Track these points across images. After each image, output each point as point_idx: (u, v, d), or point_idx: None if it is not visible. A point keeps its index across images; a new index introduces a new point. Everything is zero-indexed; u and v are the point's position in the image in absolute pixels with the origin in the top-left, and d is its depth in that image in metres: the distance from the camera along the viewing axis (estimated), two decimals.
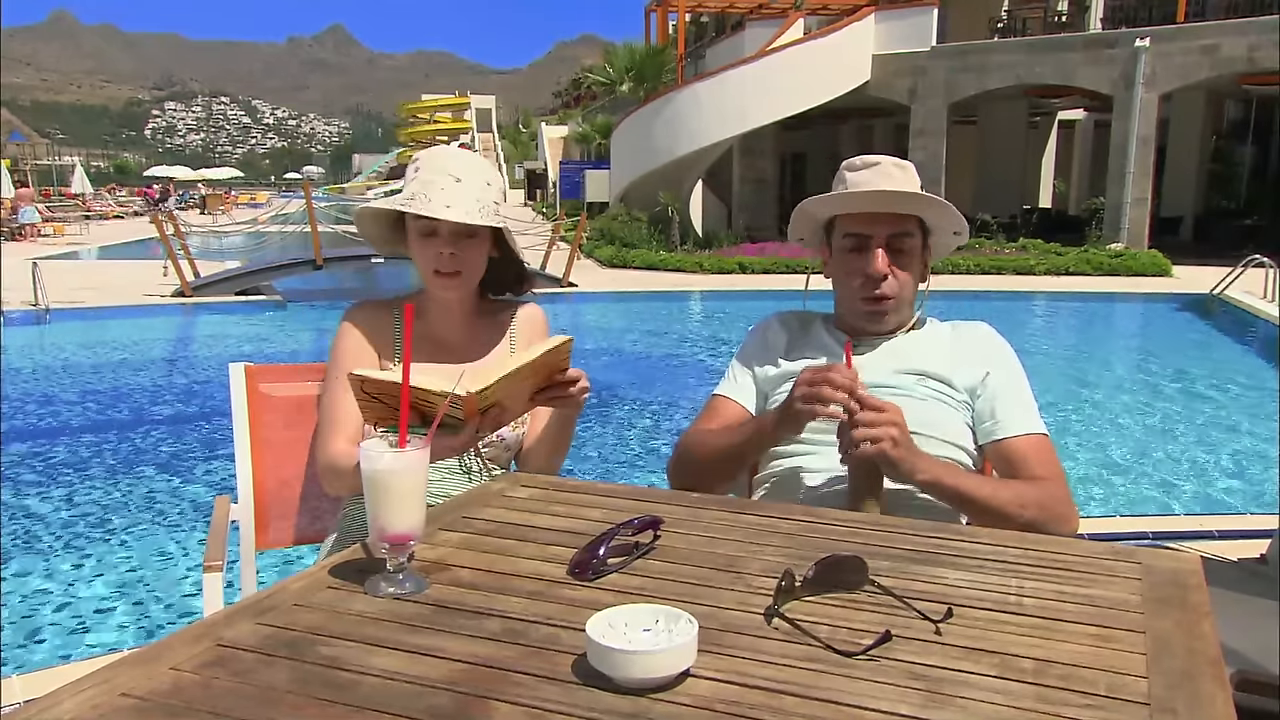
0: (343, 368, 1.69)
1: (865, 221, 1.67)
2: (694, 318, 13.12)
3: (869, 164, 1.70)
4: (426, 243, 1.70)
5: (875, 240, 1.65)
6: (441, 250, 1.69)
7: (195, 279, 12.23)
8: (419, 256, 1.72)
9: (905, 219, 1.67)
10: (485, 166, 1.77)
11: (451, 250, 1.69)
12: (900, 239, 1.66)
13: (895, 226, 1.66)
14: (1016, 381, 1.67)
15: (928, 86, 17.96)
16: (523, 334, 1.86)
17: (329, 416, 1.70)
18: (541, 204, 32.27)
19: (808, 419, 1.50)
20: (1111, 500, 4.85)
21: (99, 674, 0.87)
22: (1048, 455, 1.60)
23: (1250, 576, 2.22)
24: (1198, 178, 20.78)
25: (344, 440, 1.67)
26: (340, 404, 1.68)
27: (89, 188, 37.53)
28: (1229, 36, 15.60)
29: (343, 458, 1.64)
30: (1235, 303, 10.71)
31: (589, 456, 5.58)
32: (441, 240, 1.69)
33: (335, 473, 1.67)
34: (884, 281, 1.65)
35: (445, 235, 1.69)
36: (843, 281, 1.72)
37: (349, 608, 1.03)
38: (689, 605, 0.97)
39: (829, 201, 1.70)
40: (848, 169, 1.72)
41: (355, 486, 1.65)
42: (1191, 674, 0.88)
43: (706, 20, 29.53)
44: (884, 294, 1.66)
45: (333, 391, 1.71)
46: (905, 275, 1.67)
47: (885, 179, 1.67)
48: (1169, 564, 1.16)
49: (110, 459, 5.64)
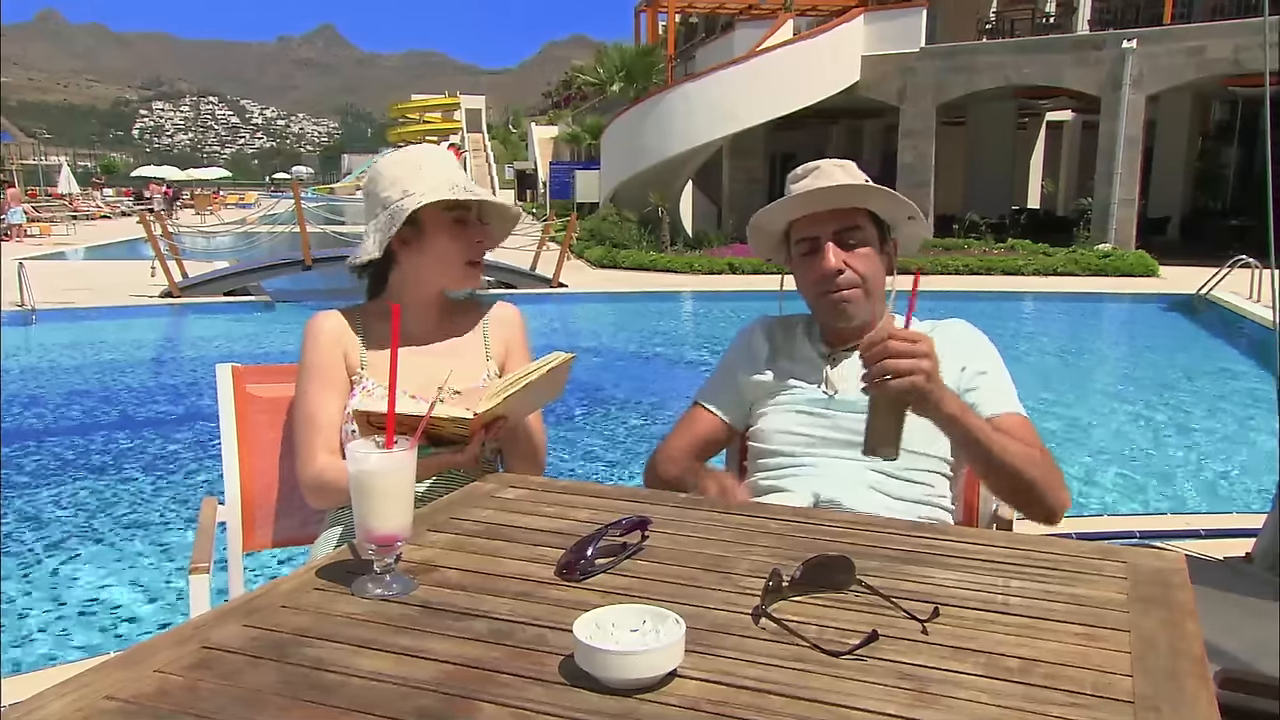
0: (313, 377, 1.68)
1: (812, 223, 1.69)
2: (684, 318, 13.12)
3: (809, 170, 1.73)
4: (460, 236, 1.71)
5: (823, 238, 1.67)
6: (480, 240, 1.73)
7: (183, 279, 12.17)
8: (448, 249, 1.70)
9: (851, 213, 1.68)
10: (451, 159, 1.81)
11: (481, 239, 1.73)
12: (848, 233, 1.67)
13: (841, 221, 1.68)
14: (994, 370, 1.68)
15: (917, 87, 18.01)
16: (498, 335, 1.83)
17: (307, 426, 1.67)
18: (532, 204, 32.23)
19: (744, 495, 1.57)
20: (1099, 499, 4.88)
21: (82, 677, 0.86)
22: (1031, 432, 1.60)
23: (1236, 575, 2.24)
24: (1185, 178, 20.91)
25: (325, 453, 1.64)
26: (317, 415, 1.66)
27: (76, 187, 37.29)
28: (1215, 38, 15.70)
29: (329, 473, 1.62)
30: (1222, 303, 10.77)
31: (578, 456, 5.58)
32: (475, 230, 1.72)
33: (321, 489, 1.64)
34: (839, 276, 1.66)
35: (476, 224, 1.72)
36: (806, 288, 1.73)
37: (336, 609, 1.02)
38: (676, 605, 0.97)
39: (773, 210, 1.72)
40: (791, 180, 1.75)
41: (341, 500, 1.64)
42: (1176, 672, 0.89)
43: (696, 21, 29.54)
44: (841, 287, 1.67)
45: (307, 402, 1.67)
46: (863, 267, 1.67)
47: (824, 179, 1.69)
48: (1154, 563, 1.17)
49: (97, 460, 5.61)
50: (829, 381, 1.70)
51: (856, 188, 1.66)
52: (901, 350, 1.36)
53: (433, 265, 1.72)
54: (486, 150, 44.93)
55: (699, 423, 1.82)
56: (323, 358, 1.69)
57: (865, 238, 1.68)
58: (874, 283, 1.70)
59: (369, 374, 1.70)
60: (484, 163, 43.27)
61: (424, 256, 1.71)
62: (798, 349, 1.78)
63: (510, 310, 1.87)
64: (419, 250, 1.71)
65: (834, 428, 1.66)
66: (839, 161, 1.73)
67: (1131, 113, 16.31)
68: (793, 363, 1.76)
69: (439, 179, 1.67)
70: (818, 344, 1.77)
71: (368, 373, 1.70)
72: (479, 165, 42.84)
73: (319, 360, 1.69)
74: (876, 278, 1.70)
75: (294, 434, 1.71)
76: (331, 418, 1.67)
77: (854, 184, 1.67)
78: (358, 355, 1.72)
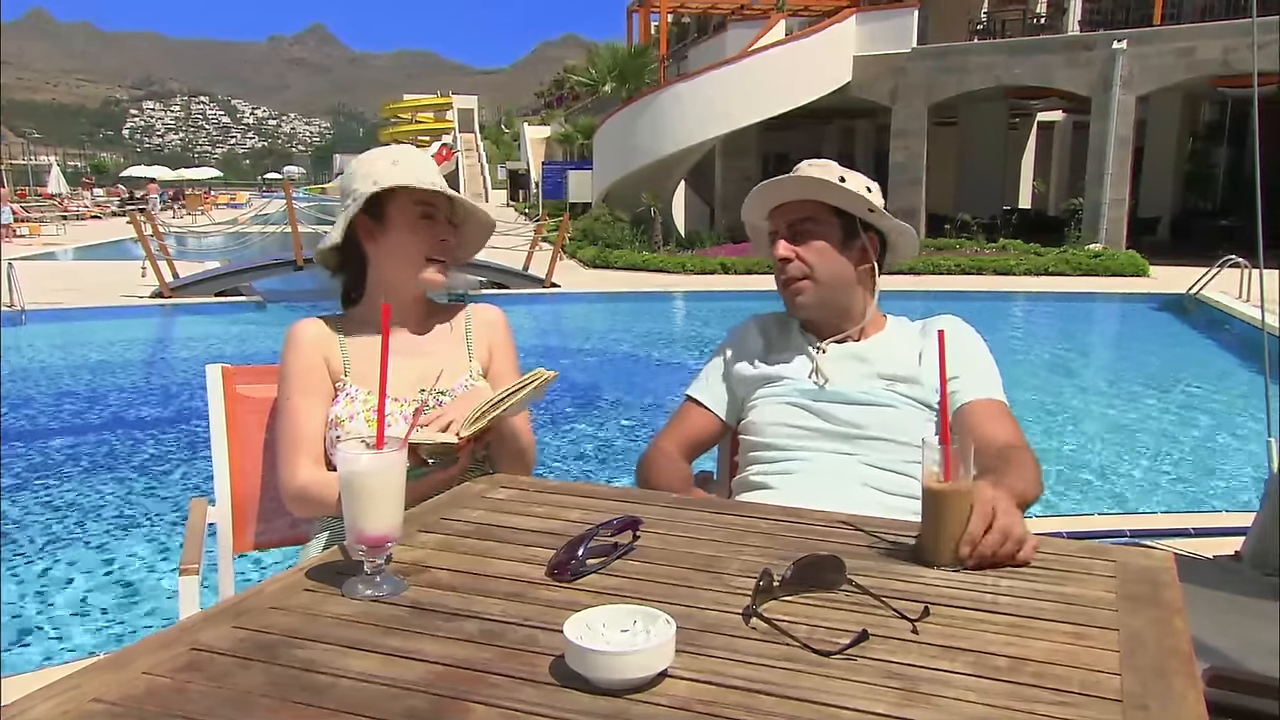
0: (295, 386, 1.66)
1: (775, 216, 1.77)
2: (676, 318, 13.13)
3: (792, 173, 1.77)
4: (420, 228, 1.67)
5: (778, 231, 1.75)
6: (445, 239, 1.69)
7: (174, 280, 12.12)
8: (409, 243, 1.67)
9: (806, 206, 1.73)
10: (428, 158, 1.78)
11: (446, 238, 1.70)
12: (801, 223, 1.73)
13: (794, 214, 1.73)
14: (978, 356, 1.71)
15: (908, 87, 18.05)
16: (481, 336, 1.81)
17: (290, 436, 1.65)
18: (524, 204, 32.19)
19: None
20: (1089, 498, 4.89)
21: (69, 679, 0.86)
22: (1008, 419, 1.63)
23: (1225, 573, 2.25)
24: (1175, 178, 21.00)
25: (309, 462, 1.63)
26: (301, 423, 1.64)
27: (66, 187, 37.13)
28: (1204, 39, 15.77)
29: (313, 485, 1.60)
30: (1212, 302, 10.81)
31: (570, 456, 5.58)
32: (441, 228, 1.69)
33: (305, 500, 1.63)
34: (789, 264, 1.72)
35: (444, 223, 1.69)
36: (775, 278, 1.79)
37: (326, 610, 1.02)
38: (667, 605, 0.97)
39: (746, 205, 1.81)
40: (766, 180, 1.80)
41: (326, 511, 1.63)
42: (1164, 671, 0.89)
43: (688, 21, 29.57)
44: (790, 275, 1.73)
45: (291, 411, 1.66)
46: (812, 257, 1.71)
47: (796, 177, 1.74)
48: (1143, 562, 1.18)
49: (87, 461, 5.58)
50: (819, 371, 1.72)
51: (811, 182, 1.70)
52: (1008, 553, 1.16)
53: (393, 259, 1.69)
54: (479, 150, 44.82)
55: (690, 418, 1.83)
56: (304, 366, 1.68)
57: (821, 232, 1.72)
58: (825, 274, 1.72)
59: (352, 380, 1.68)
60: (476, 163, 43.19)
61: (387, 249, 1.69)
62: (789, 342, 1.80)
63: (493, 312, 1.86)
64: (383, 243, 1.69)
65: (826, 418, 1.67)
66: (819, 161, 1.78)
67: (1122, 113, 16.38)
68: (784, 355, 1.78)
69: (409, 175, 1.65)
70: (808, 336, 1.79)
71: (351, 379, 1.68)
72: (471, 165, 42.76)
73: (300, 368, 1.68)
74: (829, 270, 1.72)
75: (276, 443, 1.69)
76: (315, 427, 1.65)
77: (802, 177, 1.72)
78: (340, 362, 1.70)
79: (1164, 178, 20.59)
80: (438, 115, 53.65)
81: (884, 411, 1.66)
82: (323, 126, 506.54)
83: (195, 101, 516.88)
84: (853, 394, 1.68)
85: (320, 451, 1.65)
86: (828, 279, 1.72)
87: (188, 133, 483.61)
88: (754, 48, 18.70)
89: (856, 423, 1.65)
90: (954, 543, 1.14)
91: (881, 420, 1.65)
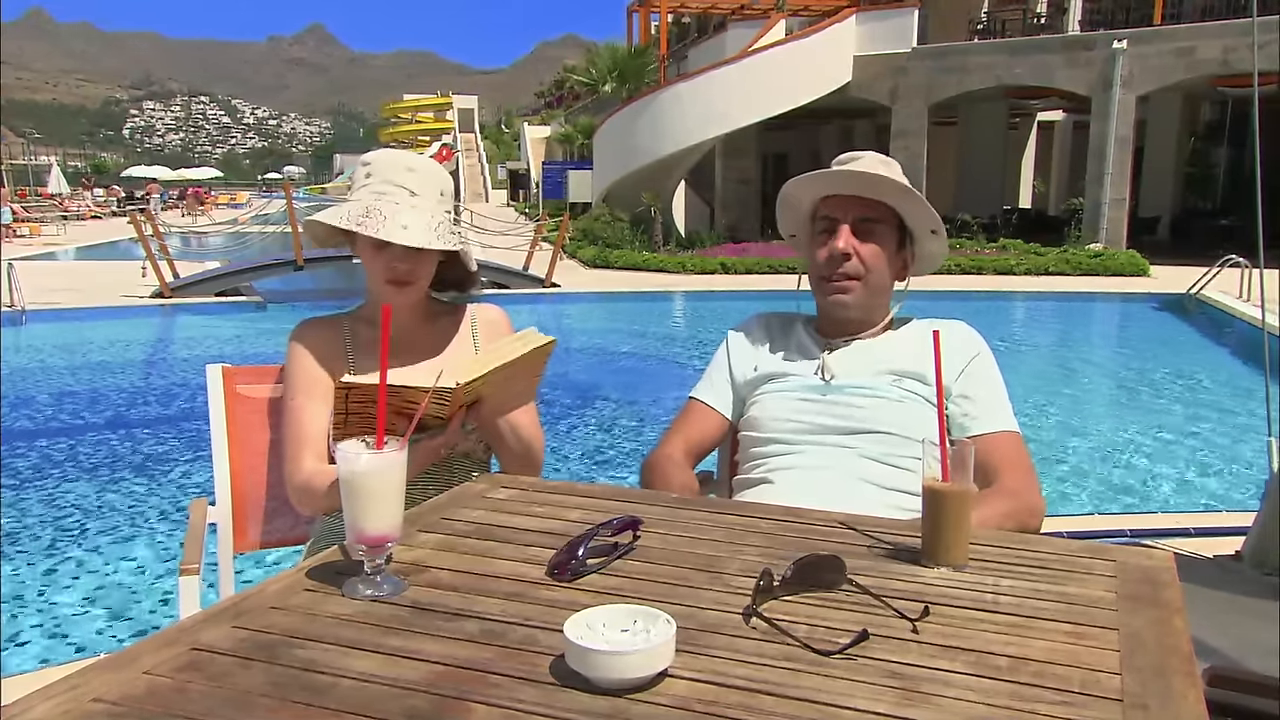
0: (299, 387, 1.67)
1: (837, 205, 1.71)
2: (676, 318, 13.13)
3: (854, 157, 1.74)
4: (379, 254, 1.66)
5: (842, 220, 1.69)
6: (396, 264, 1.66)
7: (174, 280, 12.12)
8: (370, 265, 1.69)
9: (875, 205, 1.69)
10: (438, 174, 1.73)
11: (405, 264, 1.67)
12: (868, 223, 1.69)
13: (864, 210, 1.69)
14: (991, 380, 1.69)
15: (908, 87, 18.06)
16: (486, 337, 1.82)
17: (295, 436, 1.66)
18: (524, 204, 32.18)
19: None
20: (1090, 498, 4.89)
21: (69, 679, 0.86)
22: (1017, 453, 1.62)
23: (1225, 573, 2.25)
24: (1175, 178, 21.00)
25: (313, 459, 1.64)
26: (305, 423, 1.65)
27: (66, 187, 37.11)
28: (1204, 39, 15.78)
29: (317, 478, 1.61)
30: (1212, 302, 10.82)
31: (570, 456, 5.57)
32: (395, 255, 1.66)
33: (309, 494, 1.64)
34: (846, 261, 1.68)
35: (399, 250, 1.65)
36: (813, 269, 1.74)
37: (326, 610, 1.02)
38: (667, 605, 0.97)
39: (804, 182, 1.74)
40: (835, 162, 1.75)
41: (330, 506, 1.63)
42: (1163, 670, 0.89)
43: (688, 21, 29.57)
44: (845, 273, 1.68)
45: (295, 411, 1.67)
46: (871, 259, 1.68)
47: (865, 167, 1.70)
48: (1143, 561, 1.18)
49: (87, 461, 5.58)
50: (826, 367, 1.70)
51: (889, 182, 1.67)
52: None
53: (366, 271, 1.72)
54: (479, 150, 44.80)
55: (695, 418, 1.81)
56: (307, 367, 1.69)
57: (882, 234, 1.70)
58: (876, 280, 1.70)
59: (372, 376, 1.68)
60: (476, 163, 43.18)
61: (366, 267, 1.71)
62: (794, 339, 1.79)
63: (495, 311, 1.87)
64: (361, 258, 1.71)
65: (830, 414, 1.66)
66: (885, 159, 1.74)
67: (1122, 113, 16.38)
68: (789, 351, 1.77)
69: (368, 196, 1.63)
70: (815, 334, 1.78)
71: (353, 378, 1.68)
72: (471, 165, 42.74)
73: (304, 369, 1.69)
74: (881, 276, 1.71)
75: (282, 444, 1.71)
76: (319, 428, 1.66)
77: (888, 178, 1.67)
78: (343, 362, 1.71)
79: (1164, 177, 20.59)
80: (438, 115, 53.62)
81: (889, 405, 1.64)
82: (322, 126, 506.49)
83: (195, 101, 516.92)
84: (859, 386, 1.67)
85: (324, 450, 1.65)
86: (875, 284, 1.70)
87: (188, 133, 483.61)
88: (754, 48, 18.70)
89: (860, 415, 1.64)
90: (954, 543, 1.14)
91: (886, 414, 1.64)
